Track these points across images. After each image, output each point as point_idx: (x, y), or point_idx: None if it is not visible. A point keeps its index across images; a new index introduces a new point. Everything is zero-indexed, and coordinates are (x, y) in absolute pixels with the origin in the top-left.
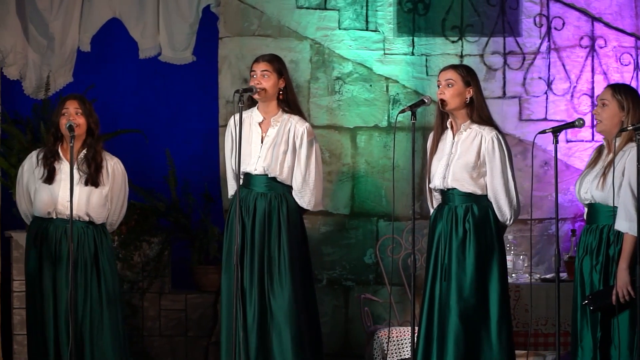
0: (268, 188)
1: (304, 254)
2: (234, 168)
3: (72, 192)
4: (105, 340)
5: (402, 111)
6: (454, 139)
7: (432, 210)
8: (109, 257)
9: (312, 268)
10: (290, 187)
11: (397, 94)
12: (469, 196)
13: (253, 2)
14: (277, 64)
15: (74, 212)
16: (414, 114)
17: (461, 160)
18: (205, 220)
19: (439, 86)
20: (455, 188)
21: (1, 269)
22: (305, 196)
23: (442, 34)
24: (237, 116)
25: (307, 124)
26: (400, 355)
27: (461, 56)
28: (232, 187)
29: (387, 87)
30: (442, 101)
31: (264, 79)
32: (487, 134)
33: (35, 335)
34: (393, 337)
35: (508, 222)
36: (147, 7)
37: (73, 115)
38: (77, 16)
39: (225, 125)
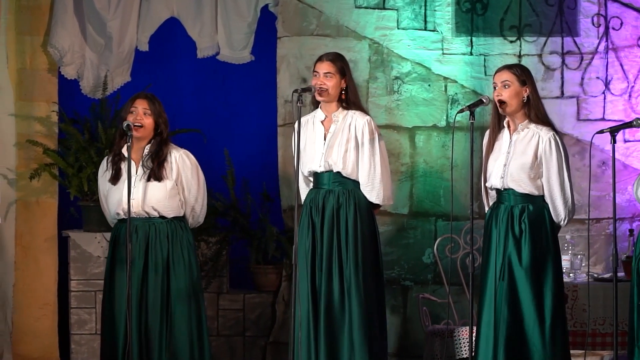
0: (336, 184)
1: (373, 250)
2: (302, 171)
3: (130, 192)
4: (178, 340)
5: (461, 111)
6: (510, 138)
7: (487, 209)
8: (185, 252)
9: (381, 264)
10: (358, 183)
11: (456, 93)
12: (526, 196)
13: (312, 1)
14: (340, 63)
15: (140, 208)
16: (472, 114)
17: (518, 160)
18: (264, 219)
19: (495, 88)
20: (512, 188)
21: (59, 269)
22: (373, 190)
23: (500, 33)
24: (300, 118)
25: (368, 117)
26: (459, 355)
27: (519, 56)
28: (303, 191)
29: (445, 87)
30: (501, 102)
31: (327, 79)
32: (545, 135)
33: (106, 338)
34: (451, 336)
35: (562, 222)
36: (205, 7)
37: (140, 115)
38: (135, 16)
39: (284, 125)
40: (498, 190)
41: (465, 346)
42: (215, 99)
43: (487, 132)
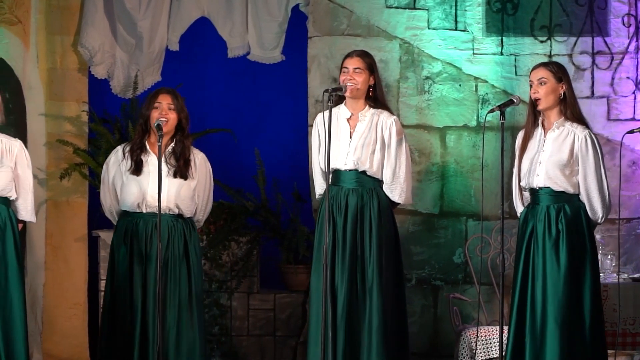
0: (359, 183)
1: (394, 250)
2: (322, 167)
3: (160, 189)
4: (192, 339)
5: (491, 111)
6: (545, 136)
7: (519, 209)
8: (197, 252)
9: (402, 264)
10: (380, 182)
11: (486, 93)
12: (561, 195)
13: (342, 1)
14: (368, 60)
15: (164, 203)
16: (502, 114)
17: (554, 158)
18: (295, 219)
19: (531, 85)
20: (547, 187)
21: (89, 269)
22: (396, 189)
23: (531, 33)
24: (324, 114)
25: (394, 117)
26: (489, 355)
27: (550, 56)
28: (320, 186)
29: (476, 86)
30: (537, 100)
31: (356, 75)
32: (580, 133)
33: (115, 334)
34: (481, 336)
35: (600, 220)
36: (236, 6)
37: (165, 110)
38: (166, 15)
39: (314, 124)
40: (533, 190)
41: (495, 346)
42: (246, 99)
43: (521, 132)
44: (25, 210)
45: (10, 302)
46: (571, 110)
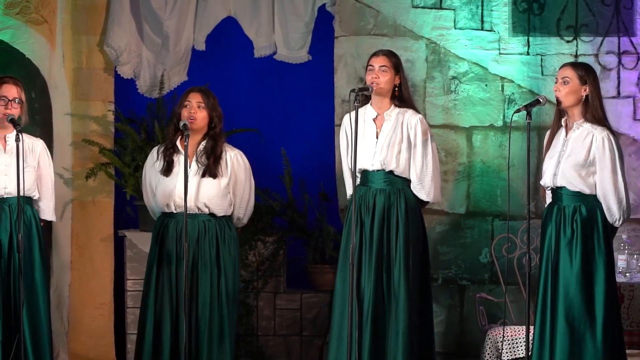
0: (386, 183)
1: (421, 250)
2: (350, 167)
3: (187, 188)
4: (221, 340)
5: (518, 111)
6: (566, 136)
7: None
8: (232, 252)
9: (429, 264)
10: (408, 181)
11: (513, 93)
12: (578, 195)
13: (369, 1)
14: (394, 59)
15: (192, 203)
16: (529, 114)
17: (571, 158)
18: (321, 219)
19: (556, 82)
20: (564, 186)
21: (115, 268)
22: (424, 188)
23: (557, 33)
24: (351, 115)
25: (420, 116)
26: (515, 355)
27: (576, 56)
28: (350, 187)
29: (502, 86)
30: (557, 98)
31: (382, 74)
32: (599, 134)
33: (147, 335)
34: (508, 336)
35: (617, 222)
36: (262, 6)
37: (195, 108)
38: (192, 15)
39: (341, 125)
40: (552, 189)
41: (521, 346)
42: (272, 99)
43: (548, 132)
44: (48, 210)
45: (37, 300)
46: (592, 113)
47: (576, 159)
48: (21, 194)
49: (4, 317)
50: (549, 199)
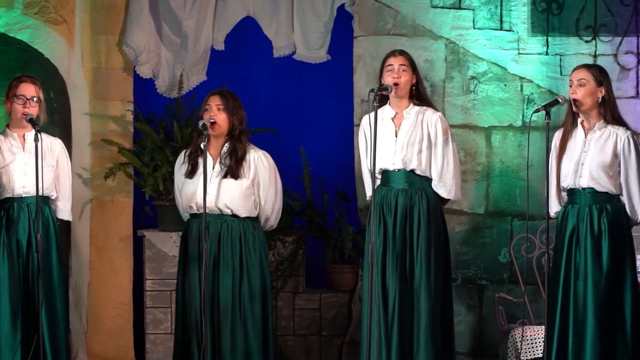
0: (408, 183)
1: (443, 249)
2: (370, 168)
3: (206, 189)
4: (247, 339)
5: (537, 111)
6: (585, 137)
7: (553, 209)
8: (258, 252)
9: (450, 263)
10: (429, 180)
11: (532, 93)
12: (603, 195)
13: (388, 1)
14: (411, 58)
15: (213, 204)
16: (548, 114)
17: (597, 159)
18: (340, 219)
19: (571, 85)
20: (590, 187)
21: (134, 268)
22: (445, 185)
23: (576, 33)
24: (370, 116)
25: (439, 114)
26: (534, 354)
27: (595, 56)
28: (370, 188)
29: (521, 86)
30: (575, 101)
31: (403, 73)
32: (622, 134)
33: (180, 337)
34: (527, 336)
35: (639, 219)
36: (281, 6)
37: (215, 111)
38: (211, 15)
39: (360, 125)
40: (571, 190)
41: (540, 346)
42: (292, 99)
43: (558, 132)
44: (65, 209)
45: (54, 300)
46: (611, 114)
47: (602, 159)
48: (40, 193)
49: (22, 317)
50: (563, 201)
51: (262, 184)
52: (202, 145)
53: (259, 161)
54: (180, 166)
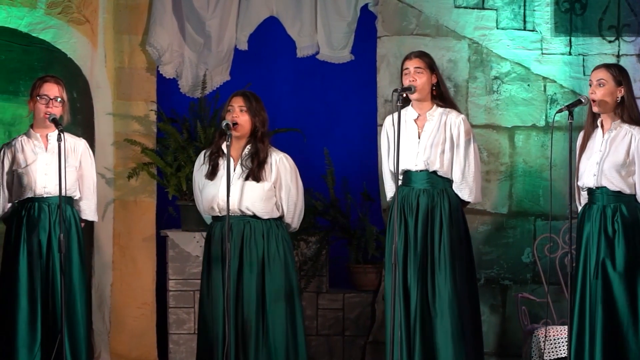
0: (429, 184)
1: (466, 250)
2: (392, 169)
3: (229, 190)
4: (274, 339)
5: (560, 111)
6: (603, 137)
7: (579, 208)
8: (282, 253)
9: (474, 264)
10: (450, 182)
11: (555, 93)
12: (618, 195)
13: (411, 1)
14: (427, 59)
15: (236, 206)
16: (571, 114)
17: (611, 158)
18: (364, 219)
19: (590, 85)
20: (604, 186)
21: (157, 268)
22: (465, 188)
23: (599, 33)
24: (393, 116)
25: (463, 116)
26: (557, 354)
27: (618, 56)
28: (390, 189)
29: (544, 86)
30: (594, 101)
31: (418, 75)
32: (637, 133)
33: (203, 337)
34: (550, 335)
35: None
36: (305, 6)
37: (237, 113)
38: (234, 15)
39: (382, 127)
40: (590, 190)
41: (563, 345)
42: (315, 99)
43: (581, 133)
44: (89, 210)
45: (74, 301)
46: (629, 114)
47: (616, 159)
48: (62, 193)
49: (42, 317)
50: (584, 200)
51: (284, 186)
52: (224, 146)
53: (280, 163)
54: (200, 167)
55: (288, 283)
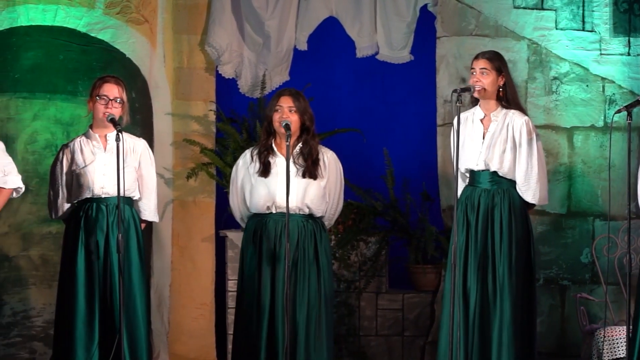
0: (492, 184)
1: (526, 251)
2: (459, 168)
3: (288, 189)
4: (320, 341)
5: (618, 111)
6: None
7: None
8: (327, 253)
9: (534, 266)
10: (514, 183)
11: (613, 94)
12: None
13: (470, 1)
14: (496, 61)
15: (293, 204)
16: (629, 114)
17: None
18: (423, 219)
19: None
20: None
21: (216, 269)
22: (529, 190)
23: None
24: (459, 115)
25: (526, 117)
26: (615, 355)
27: None
28: (459, 186)
29: (603, 87)
30: None
31: (483, 77)
32: None
33: (245, 334)
34: (608, 336)
35: None
36: (364, 6)
37: (286, 113)
38: (294, 15)
39: (443, 125)
40: None
41: (621, 346)
42: (374, 99)
43: None
44: (149, 210)
45: (134, 301)
46: None
47: None
48: (120, 194)
49: (100, 317)
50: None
51: (330, 184)
52: (274, 147)
53: (332, 160)
54: (249, 165)
55: (332, 285)
